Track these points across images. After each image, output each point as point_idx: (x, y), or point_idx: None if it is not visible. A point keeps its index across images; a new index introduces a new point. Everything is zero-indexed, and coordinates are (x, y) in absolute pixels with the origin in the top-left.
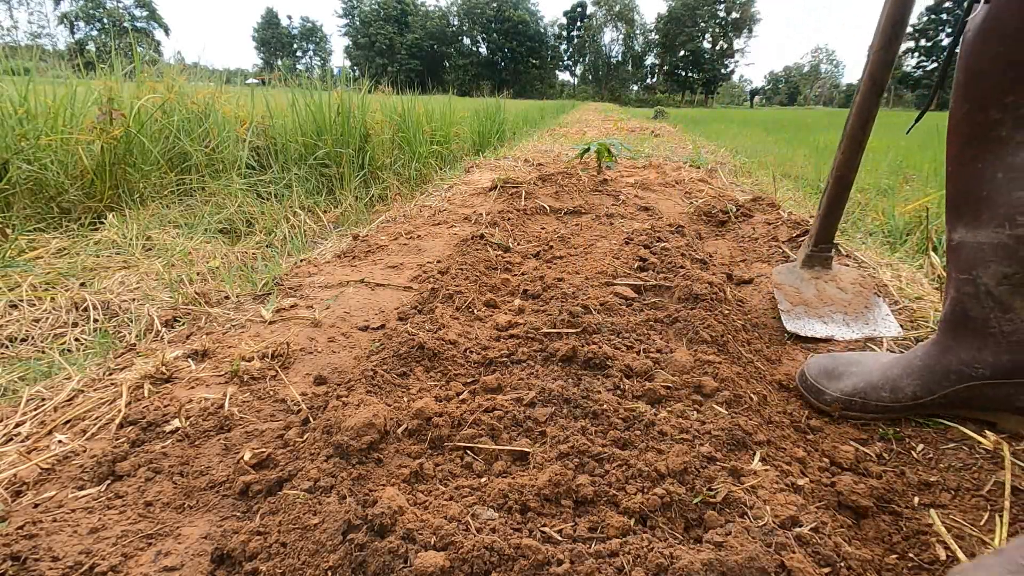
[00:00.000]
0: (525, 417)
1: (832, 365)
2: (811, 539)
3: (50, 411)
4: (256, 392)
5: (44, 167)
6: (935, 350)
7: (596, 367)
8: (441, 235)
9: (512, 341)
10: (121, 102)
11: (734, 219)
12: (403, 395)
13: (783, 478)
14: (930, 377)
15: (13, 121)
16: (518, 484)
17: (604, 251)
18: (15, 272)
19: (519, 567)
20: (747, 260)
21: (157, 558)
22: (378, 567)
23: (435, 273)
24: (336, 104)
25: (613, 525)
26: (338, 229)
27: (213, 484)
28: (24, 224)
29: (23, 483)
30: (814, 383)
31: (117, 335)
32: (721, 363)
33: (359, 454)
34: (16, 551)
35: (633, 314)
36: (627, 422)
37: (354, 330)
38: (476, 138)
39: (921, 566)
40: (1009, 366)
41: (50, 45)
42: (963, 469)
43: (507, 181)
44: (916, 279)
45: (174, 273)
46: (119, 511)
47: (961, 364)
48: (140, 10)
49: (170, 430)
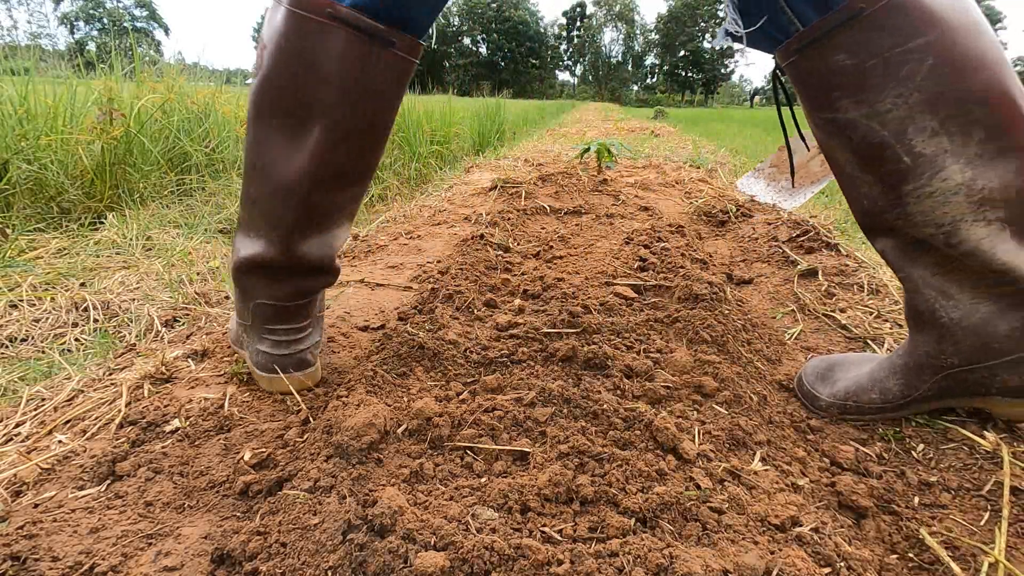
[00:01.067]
0: (525, 417)
1: (825, 368)
2: (811, 539)
3: (50, 411)
4: (256, 392)
5: (44, 167)
6: (909, 347)
7: (596, 367)
8: (441, 235)
9: (512, 341)
10: (121, 102)
11: (734, 219)
12: (403, 395)
13: (783, 478)
14: (910, 374)
15: (13, 121)
16: (518, 484)
17: (604, 251)
18: (15, 272)
19: (519, 567)
20: (747, 260)
21: (157, 558)
22: (378, 567)
23: (435, 273)
24: None
25: (613, 525)
26: None
27: (213, 484)
28: (24, 224)
29: (23, 483)
30: (809, 389)
31: (117, 335)
32: (721, 363)
33: (359, 454)
34: (16, 551)
35: (633, 314)
36: (627, 422)
37: (354, 330)
38: (476, 138)
39: (921, 566)
40: (971, 351)
41: (50, 45)
42: (963, 469)
43: (507, 181)
44: None
45: (174, 273)
46: (119, 511)
47: (930, 357)
48: (140, 10)
49: (170, 430)
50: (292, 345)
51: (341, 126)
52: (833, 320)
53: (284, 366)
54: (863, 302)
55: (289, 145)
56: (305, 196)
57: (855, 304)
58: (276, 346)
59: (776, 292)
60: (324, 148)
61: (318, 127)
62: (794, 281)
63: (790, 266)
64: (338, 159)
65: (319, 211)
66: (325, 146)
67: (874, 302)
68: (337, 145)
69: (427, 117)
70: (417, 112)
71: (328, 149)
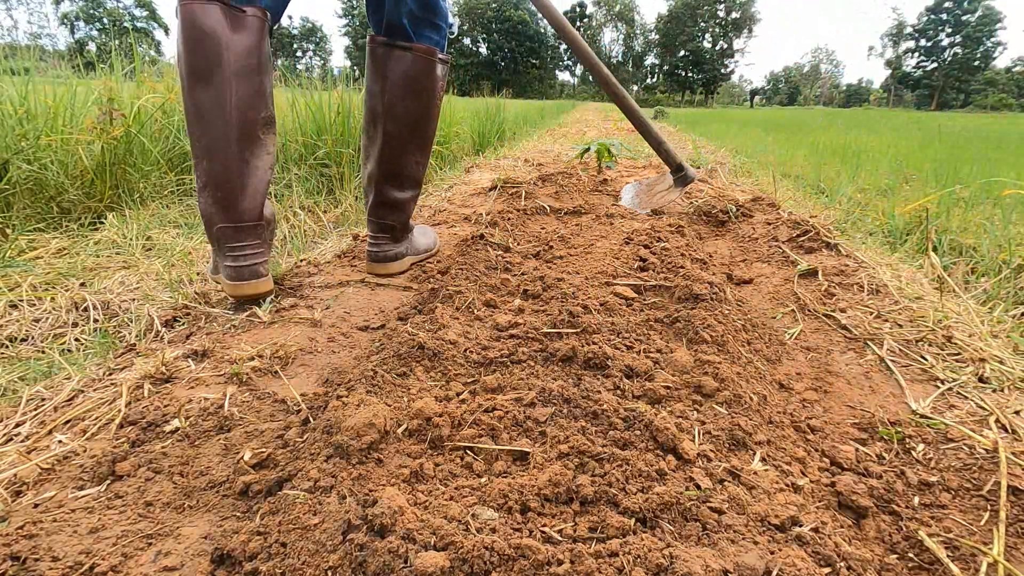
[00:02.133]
0: (525, 417)
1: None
2: (811, 539)
3: (50, 411)
4: (256, 392)
5: (44, 167)
6: None
7: (596, 367)
8: (441, 235)
9: (512, 341)
10: (121, 102)
11: (734, 219)
12: (403, 395)
13: (783, 478)
14: None
15: (13, 121)
16: (518, 484)
17: (604, 251)
18: (15, 272)
19: (519, 567)
20: (747, 260)
21: (157, 558)
22: (378, 567)
23: (435, 273)
24: (336, 104)
25: (613, 525)
26: (338, 229)
27: (213, 484)
28: (24, 224)
29: (23, 483)
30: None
31: (117, 335)
32: (721, 363)
33: (359, 454)
34: (16, 551)
35: (633, 314)
36: (627, 422)
37: (354, 330)
38: (476, 138)
39: (921, 566)
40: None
41: (50, 45)
42: (963, 469)
43: (507, 181)
44: (916, 279)
45: (174, 273)
46: (119, 511)
47: None
48: (140, 10)
49: (170, 430)
50: (249, 259)
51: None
52: (833, 320)
53: (243, 275)
54: (863, 302)
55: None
56: (208, 130)
57: (855, 304)
58: (236, 260)
59: (776, 292)
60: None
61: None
62: (794, 281)
63: (790, 266)
64: (193, 100)
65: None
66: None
67: (874, 302)
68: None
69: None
70: None
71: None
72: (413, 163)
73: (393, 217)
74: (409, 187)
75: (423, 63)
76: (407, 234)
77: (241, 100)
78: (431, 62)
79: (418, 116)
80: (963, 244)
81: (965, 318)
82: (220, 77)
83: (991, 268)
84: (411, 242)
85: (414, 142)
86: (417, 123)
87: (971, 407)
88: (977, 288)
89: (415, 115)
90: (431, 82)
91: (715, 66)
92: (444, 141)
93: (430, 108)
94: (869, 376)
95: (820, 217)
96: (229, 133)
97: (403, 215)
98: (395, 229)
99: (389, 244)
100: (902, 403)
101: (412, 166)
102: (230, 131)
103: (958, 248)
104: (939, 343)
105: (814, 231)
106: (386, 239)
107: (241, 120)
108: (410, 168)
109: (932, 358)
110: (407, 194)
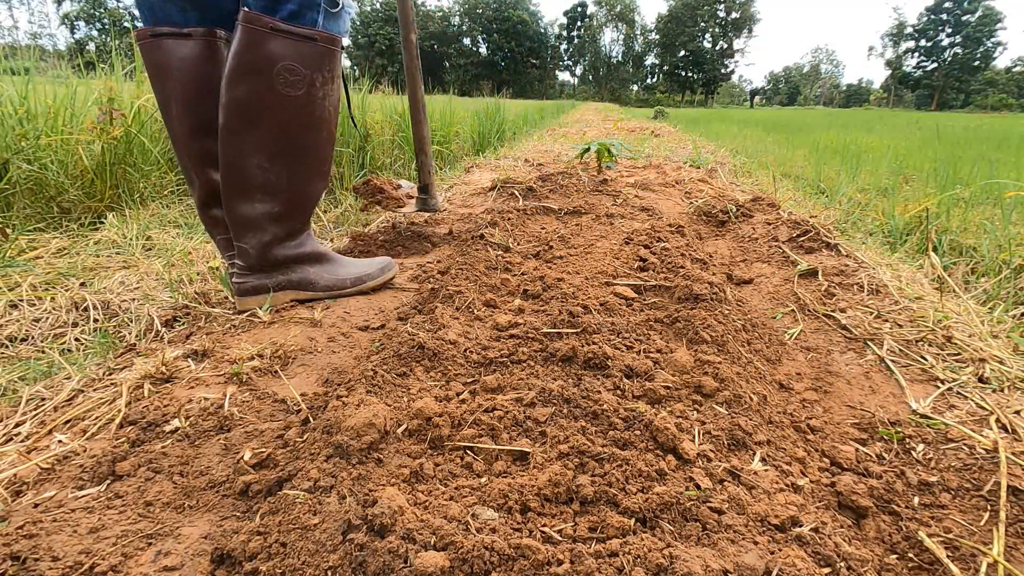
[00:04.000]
0: (525, 417)
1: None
2: (811, 539)
3: (50, 411)
4: (256, 392)
5: (44, 167)
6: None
7: (596, 367)
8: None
9: (512, 341)
10: (121, 102)
11: (734, 219)
12: (403, 395)
13: (783, 478)
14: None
15: (13, 121)
16: (518, 484)
17: (604, 251)
18: (15, 272)
19: (519, 567)
20: (747, 260)
21: (157, 558)
22: (378, 567)
23: (435, 273)
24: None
25: (613, 525)
26: (338, 229)
27: (213, 484)
28: (24, 224)
29: (23, 483)
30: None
31: (117, 335)
32: (721, 363)
33: (359, 454)
34: (16, 551)
35: (633, 314)
36: (627, 422)
37: (354, 330)
38: (476, 138)
39: (921, 566)
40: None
41: (50, 45)
42: (963, 469)
43: (507, 181)
44: (916, 279)
45: (174, 273)
46: (119, 511)
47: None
48: None
49: (170, 430)
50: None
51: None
52: (833, 320)
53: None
54: (863, 302)
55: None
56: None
57: (855, 304)
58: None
59: (776, 292)
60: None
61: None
62: (794, 281)
63: (790, 266)
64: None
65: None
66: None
67: (874, 302)
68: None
69: (427, 117)
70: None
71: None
72: (255, 166)
73: (247, 239)
74: (260, 199)
75: (246, 34)
76: (274, 263)
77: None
78: (257, 32)
79: (249, 104)
80: (963, 244)
81: (965, 318)
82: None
83: (991, 268)
84: (297, 272)
85: (250, 140)
86: (248, 113)
87: (971, 407)
88: (977, 288)
89: (245, 103)
90: (262, 60)
91: (715, 66)
92: (444, 141)
93: (265, 95)
94: (869, 376)
95: (820, 217)
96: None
97: (260, 235)
98: (248, 255)
99: (245, 274)
100: (902, 403)
101: (255, 170)
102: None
103: (958, 248)
104: (939, 343)
105: (814, 231)
106: (242, 267)
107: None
108: (253, 173)
109: (932, 358)
110: (259, 208)
